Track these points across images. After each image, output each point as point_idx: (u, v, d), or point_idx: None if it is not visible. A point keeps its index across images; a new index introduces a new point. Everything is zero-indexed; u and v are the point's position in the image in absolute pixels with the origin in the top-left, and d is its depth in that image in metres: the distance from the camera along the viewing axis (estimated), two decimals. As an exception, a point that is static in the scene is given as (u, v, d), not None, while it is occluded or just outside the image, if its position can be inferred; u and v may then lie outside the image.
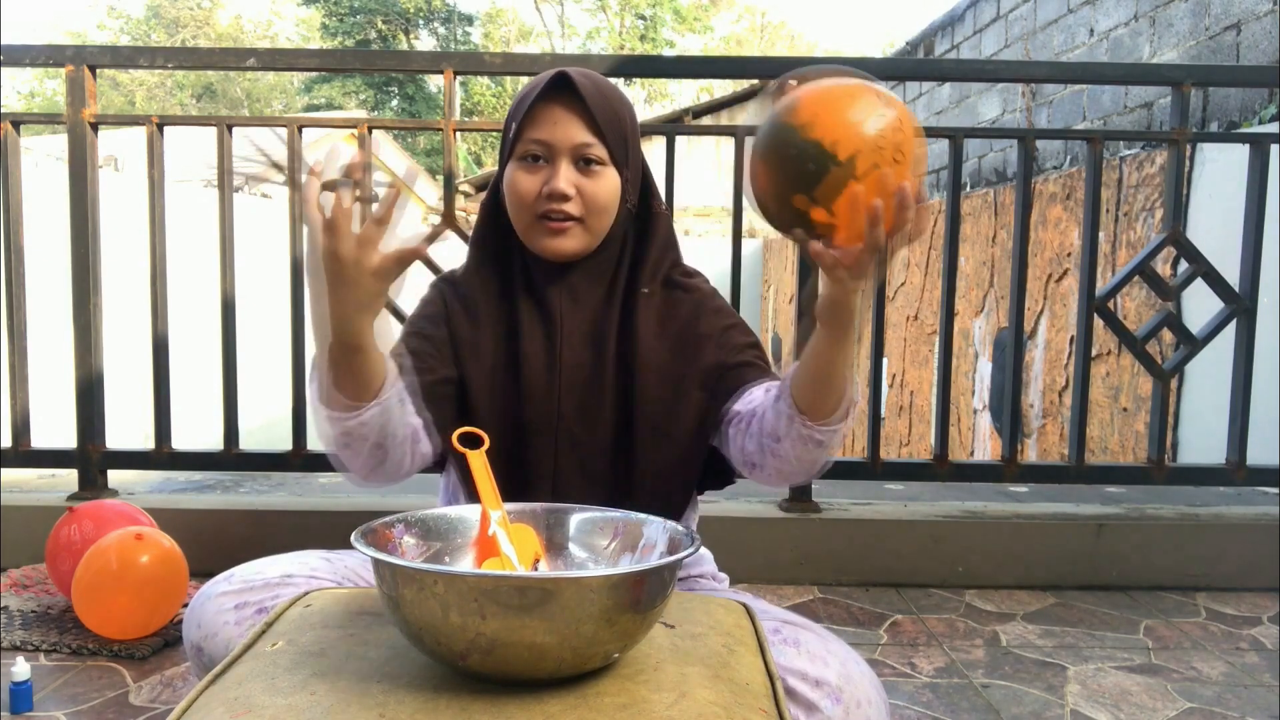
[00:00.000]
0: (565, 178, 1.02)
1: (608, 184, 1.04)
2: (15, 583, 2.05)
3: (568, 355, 1.07)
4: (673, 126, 2.38)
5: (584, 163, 1.03)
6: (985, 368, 4.83)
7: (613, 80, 1.11)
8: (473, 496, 0.86)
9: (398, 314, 1.89)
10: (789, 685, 0.86)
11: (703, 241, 11.08)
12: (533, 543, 0.82)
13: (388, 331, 0.95)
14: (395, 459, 0.97)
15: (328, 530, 2.16)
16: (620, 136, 1.05)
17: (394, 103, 23.21)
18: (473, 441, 0.84)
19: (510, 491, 0.91)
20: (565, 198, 1.02)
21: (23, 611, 1.91)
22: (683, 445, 1.06)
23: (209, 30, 26.36)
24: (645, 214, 1.12)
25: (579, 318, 1.08)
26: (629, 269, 1.10)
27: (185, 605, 1.85)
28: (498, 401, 1.05)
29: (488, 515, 0.80)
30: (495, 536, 0.79)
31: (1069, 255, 4.06)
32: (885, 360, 6.05)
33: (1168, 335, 2.69)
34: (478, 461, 0.83)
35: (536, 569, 0.80)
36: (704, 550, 1.20)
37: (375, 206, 0.82)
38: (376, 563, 0.68)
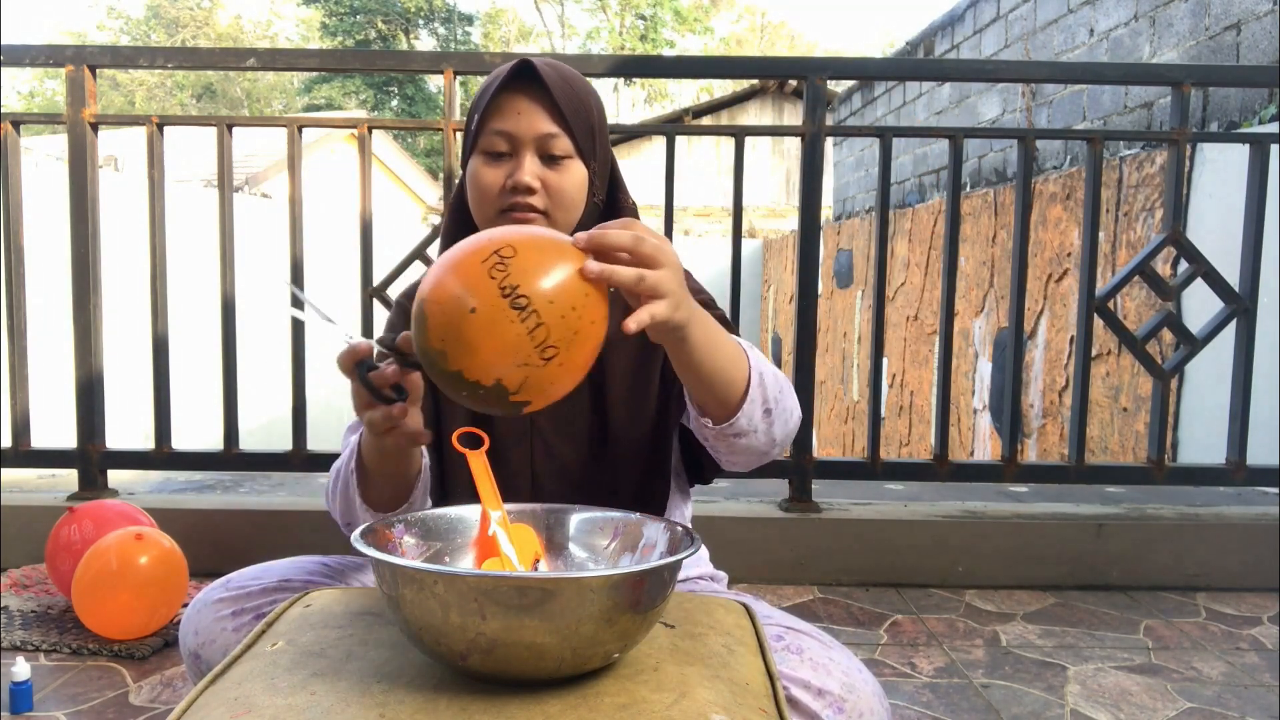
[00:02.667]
0: (529, 169, 0.97)
1: (574, 176, 1.00)
2: (15, 583, 2.05)
3: None
4: (673, 126, 2.37)
5: (549, 158, 0.99)
6: (985, 368, 4.82)
7: (601, 77, 1.08)
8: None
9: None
10: (791, 695, 0.85)
11: (703, 241, 11.09)
12: (533, 543, 0.81)
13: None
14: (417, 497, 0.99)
15: (328, 530, 2.16)
16: (587, 127, 1.00)
17: (394, 103, 23.19)
18: (473, 442, 0.84)
19: None
20: (530, 190, 0.97)
21: (23, 611, 1.91)
22: (653, 439, 1.05)
23: (209, 30, 26.36)
24: (613, 209, 1.08)
25: None
26: None
27: (185, 605, 1.85)
28: (470, 414, 1.00)
29: (488, 515, 0.80)
30: (495, 536, 0.79)
31: (1069, 255, 4.06)
32: (885, 360, 6.06)
33: (1168, 335, 2.69)
34: (478, 462, 0.82)
35: (536, 569, 0.80)
36: (701, 550, 1.20)
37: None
38: (376, 563, 0.68)
